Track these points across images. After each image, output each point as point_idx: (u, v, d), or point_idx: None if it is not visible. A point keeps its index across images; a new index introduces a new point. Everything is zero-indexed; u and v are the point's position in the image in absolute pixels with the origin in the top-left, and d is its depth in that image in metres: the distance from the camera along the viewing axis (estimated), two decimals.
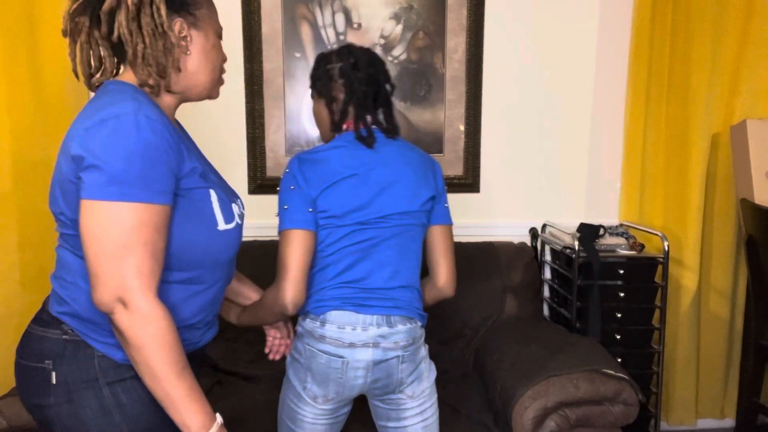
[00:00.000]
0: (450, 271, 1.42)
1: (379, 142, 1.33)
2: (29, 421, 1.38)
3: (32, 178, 2.02)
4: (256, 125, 2.24)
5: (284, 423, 1.34)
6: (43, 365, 1.01)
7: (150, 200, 0.92)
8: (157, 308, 0.92)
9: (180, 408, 0.93)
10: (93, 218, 0.91)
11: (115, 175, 0.90)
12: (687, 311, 2.33)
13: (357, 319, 1.25)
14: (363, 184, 1.28)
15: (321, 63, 1.36)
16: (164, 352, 0.92)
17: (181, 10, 1.03)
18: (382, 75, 1.36)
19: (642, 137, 2.30)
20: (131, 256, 0.90)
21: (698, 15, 2.20)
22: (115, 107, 0.93)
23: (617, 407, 1.59)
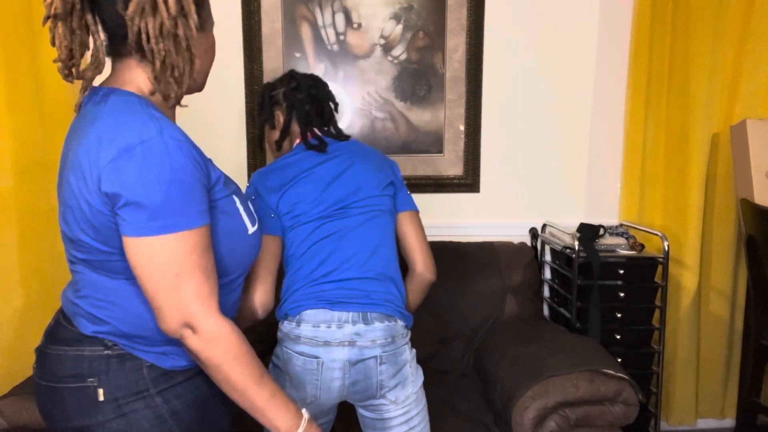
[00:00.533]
0: (424, 254, 1.43)
1: (331, 145, 1.41)
2: (29, 421, 1.38)
3: (32, 178, 2.02)
4: (256, 125, 2.24)
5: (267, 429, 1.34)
6: (86, 384, 0.98)
7: (193, 225, 0.90)
8: (223, 326, 0.92)
9: (267, 414, 0.96)
10: (142, 255, 0.89)
11: (157, 209, 0.87)
12: (687, 311, 2.33)
13: (332, 316, 1.25)
14: (318, 180, 1.34)
15: (265, 91, 1.48)
16: (240, 366, 0.93)
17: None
18: (325, 95, 1.47)
19: (642, 137, 2.30)
20: (187, 283, 0.90)
21: (698, 15, 2.20)
22: (135, 130, 0.88)
23: (617, 407, 1.59)
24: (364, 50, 2.24)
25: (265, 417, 0.97)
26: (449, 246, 2.17)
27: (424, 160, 2.31)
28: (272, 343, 1.98)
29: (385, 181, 1.39)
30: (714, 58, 2.23)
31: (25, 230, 2.02)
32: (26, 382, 1.51)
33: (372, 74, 2.25)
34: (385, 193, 1.38)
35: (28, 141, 2.01)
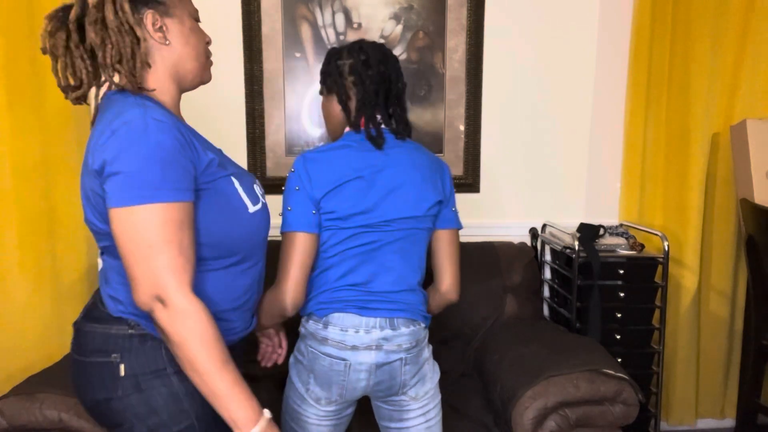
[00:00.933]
0: (453, 276, 1.39)
1: (387, 143, 1.30)
2: (29, 421, 1.38)
3: (32, 178, 2.02)
4: (256, 125, 2.24)
5: (287, 424, 1.33)
6: (110, 359, 1.03)
7: (167, 199, 0.93)
8: (192, 303, 0.94)
9: (225, 402, 0.95)
10: (120, 225, 0.94)
11: (133, 180, 0.92)
12: (687, 311, 2.33)
13: (360, 321, 1.24)
14: (369, 188, 1.25)
15: (332, 59, 1.32)
16: (204, 347, 0.93)
17: (149, 2, 1.02)
18: (394, 72, 1.31)
19: (642, 137, 2.30)
20: (159, 255, 0.93)
21: (698, 15, 2.19)
22: (122, 115, 0.95)
23: (617, 407, 1.59)
24: None
25: (224, 406, 0.95)
26: None
27: None
28: None
29: (434, 199, 1.31)
30: (714, 58, 2.23)
31: (25, 230, 2.02)
32: (26, 381, 1.51)
33: None
34: (430, 213, 1.32)
35: (28, 141, 2.01)
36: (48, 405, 1.38)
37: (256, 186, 1.15)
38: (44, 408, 1.38)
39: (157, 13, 1.02)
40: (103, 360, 1.04)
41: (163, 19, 1.03)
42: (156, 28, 1.03)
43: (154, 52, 1.04)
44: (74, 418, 1.37)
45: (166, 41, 1.04)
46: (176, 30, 1.05)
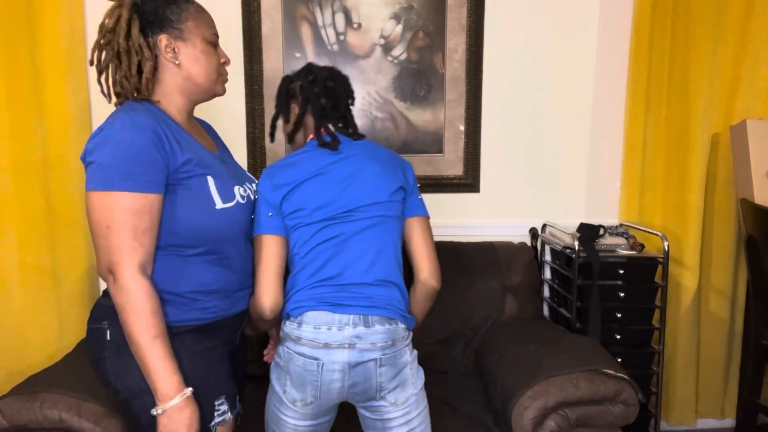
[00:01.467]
0: (430, 262, 1.40)
1: (344, 144, 1.39)
2: (30, 421, 1.38)
3: (32, 178, 2.02)
4: (256, 125, 2.24)
5: (269, 427, 1.34)
6: (101, 325, 1.21)
7: (130, 189, 1.09)
8: (134, 280, 1.09)
9: (151, 373, 1.09)
10: (89, 206, 1.12)
11: (102, 169, 1.10)
12: (687, 311, 2.33)
13: (332, 318, 1.25)
14: (327, 182, 1.32)
15: (283, 84, 1.46)
16: (139, 320, 1.08)
17: (166, 27, 1.20)
18: (342, 88, 1.43)
19: (642, 137, 2.30)
20: (115, 235, 1.09)
21: (698, 15, 2.20)
22: (111, 118, 1.14)
23: (617, 407, 1.59)
24: (364, 50, 2.24)
25: (150, 376, 1.10)
26: (449, 246, 2.17)
27: (424, 160, 2.31)
28: None
29: (395, 185, 1.36)
30: (714, 58, 2.23)
31: (25, 230, 2.02)
32: (27, 381, 1.51)
33: (372, 74, 2.25)
34: (394, 198, 1.35)
35: (27, 141, 2.01)
36: (48, 404, 1.38)
37: (242, 188, 1.29)
38: (45, 407, 1.38)
39: (171, 37, 1.20)
40: (97, 326, 1.22)
41: (176, 42, 1.21)
42: (168, 50, 1.20)
43: (165, 69, 1.22)
44: (75, 417, 1.37)
45: (177, 61, 1.21)
46: (187, 52, 1.22)
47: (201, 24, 1.23)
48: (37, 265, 2.04)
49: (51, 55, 2.01)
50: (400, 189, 1.38)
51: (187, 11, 1.22)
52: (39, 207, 2.03)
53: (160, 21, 1.19)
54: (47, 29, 2.00)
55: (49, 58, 2.01)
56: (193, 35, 1.22)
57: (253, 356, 2.00)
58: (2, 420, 1.38)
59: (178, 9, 1.21)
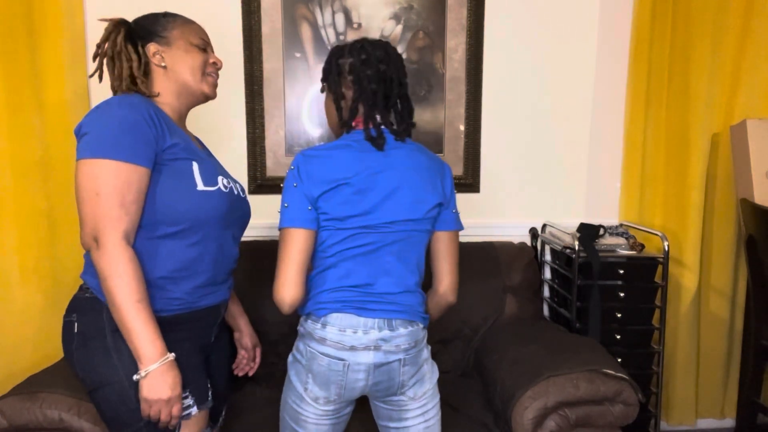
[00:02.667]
0: (452, 278, 1.38)
1: (388, 144, 1.29)
2: (30, 421, 1.38)
3: (32, 178, 2.02)
4: (256, 125, 2.24)
5: (287, 423, 1.33)
6: (71, 318, 1.26)
7: (120, 158, 1.14)
8: (117, 247, 1.13)
9: (134, 337, 1.13)
10: (79, 173, 1.16)
11: (95, 139, 1.15)
12: (687, 311, 2.33)
13: (358, 322, 1.24)
14: (367, 190, 1.25)
15: (333, 57, 1.32)
16: (121, 285, 1.12)
17: (154, 37, 1.32)
18: (395, 72, 1.30)
19: (642, 137, 2.30)
20: (103, 203, 1.13)
21: (698, 15, 2.20)
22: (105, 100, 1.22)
23: (617, 407, 1.59)
24: None
25: (132, 341, 1.14)
26: None
27: None
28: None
29: (433, 201, 1.31)
30: (714, 58, 2.23)
31: (25, 230, 2.02)
32: (27, 381, 1.50)
33: None
34: (429, 215, 1.32)
35: (27, 141, 2.01)
36: (48, 404, 1.38)
37: (225, 179, 1.34)
38: (45, 408, 1.38)
39: (158, 45, 1.32)
40: (68, 319, 1.26)
41: (163, 48, 1.32)
42: (156, 56, 1.32)
43: (156, 74, 1.33)
44: (75, 417, 1.37)
45: (163, 64, 1.32)
46: (172, 54, 1.33)
47: (186, 31, 1.35)
48: (37, 265, 2.04)
49: (51, 55, 2.01)
50: (438, 205, 1.33)
51: (174, 22, 1.35)
52: (39, 207, 2.03)
53: (149, 33, 1.33)
54: (47, 29, 2.00)
55: (49, 58, 2.01)
56: (178, 40, 1.33)
57: None
58: (2, 420, 1.38)
59: (165, 21, 1.35)
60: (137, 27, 1.35)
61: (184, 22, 1.36)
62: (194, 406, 1.26)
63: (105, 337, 1.21)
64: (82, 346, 1.23)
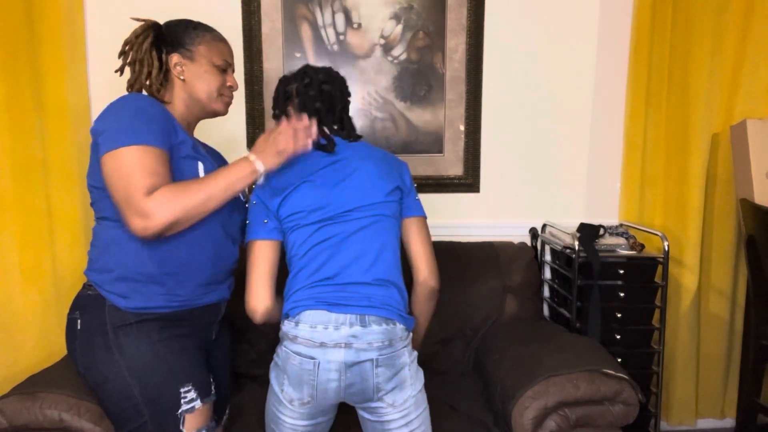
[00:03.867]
0: (428, 262, 1.42)
1: (339, 145, 1.39)
2: (30, 421, 1.38)
3: (32, 178, 2.02)
4: (256, 125, 2.24)
5: (269, 426, 1.35)
6: (74, 316, 1.28)
7: (138, 143, 1.17)
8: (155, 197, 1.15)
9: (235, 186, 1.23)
10: (107, 166, 1.18)
11: (116, 131, 1.18)
12: (687, 311, 2.33)
13: (329, 318, 1.25)
14: (322, 184, 1.33)
15: (280, 85, 1.47)
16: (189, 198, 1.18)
17: (179, 48, 1.36)
18: (338, 90, 1.44)
19: (642, 137, 2.30)
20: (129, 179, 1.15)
21: (698, 15, 2.19)
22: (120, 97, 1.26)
23: (617, 407, 1.59)
24: (364, 50, 2.24)
25: (235, 188, 1.23)
26: (449, 246, 2.17)
27: (424, 160, 2.31)
28: (275, 342, 1.98)
29: (391, 185, 1.37)
30: (714, 58, 2.23)
31: (25, 230, 2.02)
32: (27, 381, 1.51)
33: (372, 74, 2.25)
34: (390, 198, 1.37)
35: (27, 141, 2.01)
36: (48, 404, 1.38)
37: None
38: (45, 407, 1.38)
39: (182, 57, 1.36)
40: (72, 317, 1.28)
41: (185, 61, 1.36)
42: (177, 67, 1.36)
43: (173, 84, 1.37)
44: (75, 417, 1.37)
45: (182, 77, 1.36)
46: (193, 70, 1.37)
47: (213, 50, 1.39)
48: (37, 265, 2.04)
49: (51, 55, 2.01)
50: (396, 189, 1.39)
51: (203, 37, 1.38)
52: (39, 207, 2.03)
53: (176, 42, 1.36)
54: (47, 29, 2.00)
55: (49, 58, 2.01)
56: (202, 57, 1.37)
57: (254, 356, 2.00)
58: (2, 420, 1.38)
59: (194, 34, 1.37)
60: (167, 32, 1.38)
61: (213, 39, 1.40)
62: (197, 400, 1.27)
63: (107, 333, 1.23)
64: (84, 343, 1.25)
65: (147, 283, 1.26)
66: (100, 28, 2.14)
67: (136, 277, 1.25)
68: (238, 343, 2.00)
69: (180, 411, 1.24)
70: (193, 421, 1.27)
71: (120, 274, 1.25)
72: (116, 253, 1.26)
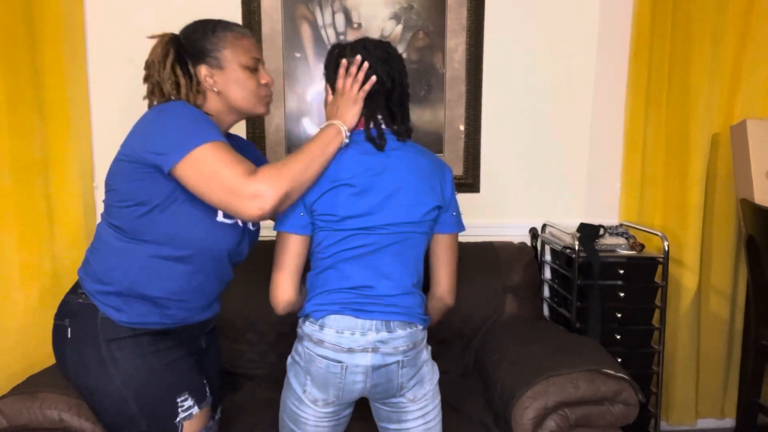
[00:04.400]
0: (450, 281, 1.39)
1: (389, 144, 1.29)
2: (29, 421, 1.38)
3: (32, 178, 2.02)
4: (256, 125, 2.24)
5: (286, 424, 1.33)
6: (64, 323, 1.25)
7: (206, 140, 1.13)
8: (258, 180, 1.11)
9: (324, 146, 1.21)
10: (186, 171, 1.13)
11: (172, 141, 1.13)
12: (687, 311, 2.33)
13: (356, 323, 1.24)
14: (366, 191, 1.24)
15: (334, 54, 1.32)
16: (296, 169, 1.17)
17: (204, 58, 1.27)
18: (397, 72, 1.30)
19: (642, 137, 2.30)
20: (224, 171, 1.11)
21: (698, 15, 2.19)
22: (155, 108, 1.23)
23: (617, 407, 1.59)
24: None
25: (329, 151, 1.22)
26: None
27: None
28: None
29: (431, 204, 1.30)
30: (714, 58, 2.23)
31: (25, 230, 2.02)
32: (27, 381, 1.51)
33: None
34: (428, 217, 1.31)
35: (27, 141, 2.01)
36: (48, 404, 1.38)
37: None
38: (45, 407, 1.38)
39: (209, 67, 1.27)
40: (59, 323, 1.26)
41: (214, 71, 1.28)
42: (208, 79, 1.27)
43: (209, 97, 1.29)
44: (75, 417, 1.37)
45: (215, 89, 1.28)
46: (225, 79, 1.28)
47: (238, 50, 1.28)
48: (37, 265, 2.04)
49: (51, 55, 2.01)
50: (436, 208, 1.32)
51: (225, 40, 1.28)
52: (39, 207, 2.03)
53: (199, 53, 1.27)
54: (47, 30, 2.00)
55: (49, 58, 2.01)
56: (229, 62, 1.28)
57: (252, 356, 2.00)
58: (2, 420, 1.38)
59: (215, 39, 1.28)
60: (187, 42, 1.29)
61: (235, 38, 1.29)
62: (195, 406, 1.27)
63: (99, 345, 1.21)
64: (74, 352, 1.23)
65: (145, 302, 1.24)
66: (100, 28, 2.13)
67: (135, 295, 1.23)
68: (238, 344, 2.00)
69: (178, 419, 1.25)
70: (191, 427, 1.27)
71: (118, 290, 1.22)
72: (119, 268, 1.22)
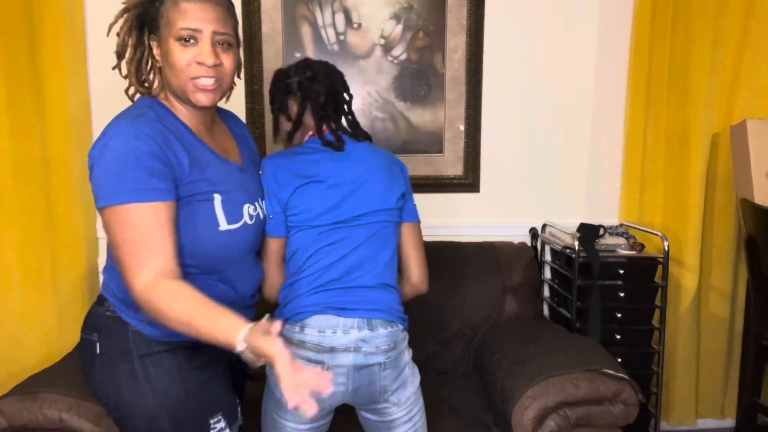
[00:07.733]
0: (422, 267, 1.44)
1: (348, 145, 1.37)
2: (30, 421, 1.38)
3: (32, 178, 2.02)
4: (256, 125, 2.24)
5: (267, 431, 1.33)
6: (92, 337, 1.17)
7: (128, 201, 1.02)
8: (143, 294, 1.02)
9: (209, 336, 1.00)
10: (103, 219, 1.07)
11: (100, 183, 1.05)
12: (687, 311, 2.33)
13: (338, 322, 1.25)
14: (335, 185, 1.31)
15: (279, 78, 1.42)
16: (169, 314, 1.01)
17: (153, 28, 1.13)
18: (341, 85, 1.41)
19: (642, 137, 2.30)
20: (123, 253, 1.04)
21: (698, 15, 2.19)
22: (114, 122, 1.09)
23: (617, 407, 1.60)
24: (364, 50, 2.24)
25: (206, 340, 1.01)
26: (449, 246, 2.17)
27: (424, 160, 2.31)
28: None
29: (399, 192, 1.38)
30: (714, 58, 2.23)
31: (25, 230, 2.02)
32: (27, 381, 1.51)
33: (372, 74, 2.25)
34: (397, 205, 1.38)
35: (27, 141, 2.01)
36: (48, 404, 1.38)
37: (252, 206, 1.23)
38: (45, 408, 1.38)
39: (155, 40, 1.14)
40: (87, 337, 1.18)
41: (157, 42, 1.14)
42: (157, 52, 1.15)
43: (163, 72, 1.15)
44: (75, 417, 1.37)
45: (159, 64, 1.16)
46: (163, 53, 1.13)
47: (173, 17, 1.09)
48: (37, 265, 2.04)
49: (51, 55, 2.01)
50: (402, 196, 1.40)
51: (165, 5, 1.10)
52: (39, 207, 2.03)
53: (150, 22, 1.13)
54: (47, 29, 2.00)
55: (49, 58, 2.01)
56: (165, 33, 1.11)
57: None
58: (2, 420, 1.38)
59: (159, 5, 1.11)
60: (144, 10, 1.14)
61: (175, 1, 1.10)
62: (226, 429, 1.21)
63: (132, 361, 1.13)
64: (105, 368, 1.15)
65: None
66: (100, 28, 2.12)
67: None
68: None
69: None
70: None
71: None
72: None
